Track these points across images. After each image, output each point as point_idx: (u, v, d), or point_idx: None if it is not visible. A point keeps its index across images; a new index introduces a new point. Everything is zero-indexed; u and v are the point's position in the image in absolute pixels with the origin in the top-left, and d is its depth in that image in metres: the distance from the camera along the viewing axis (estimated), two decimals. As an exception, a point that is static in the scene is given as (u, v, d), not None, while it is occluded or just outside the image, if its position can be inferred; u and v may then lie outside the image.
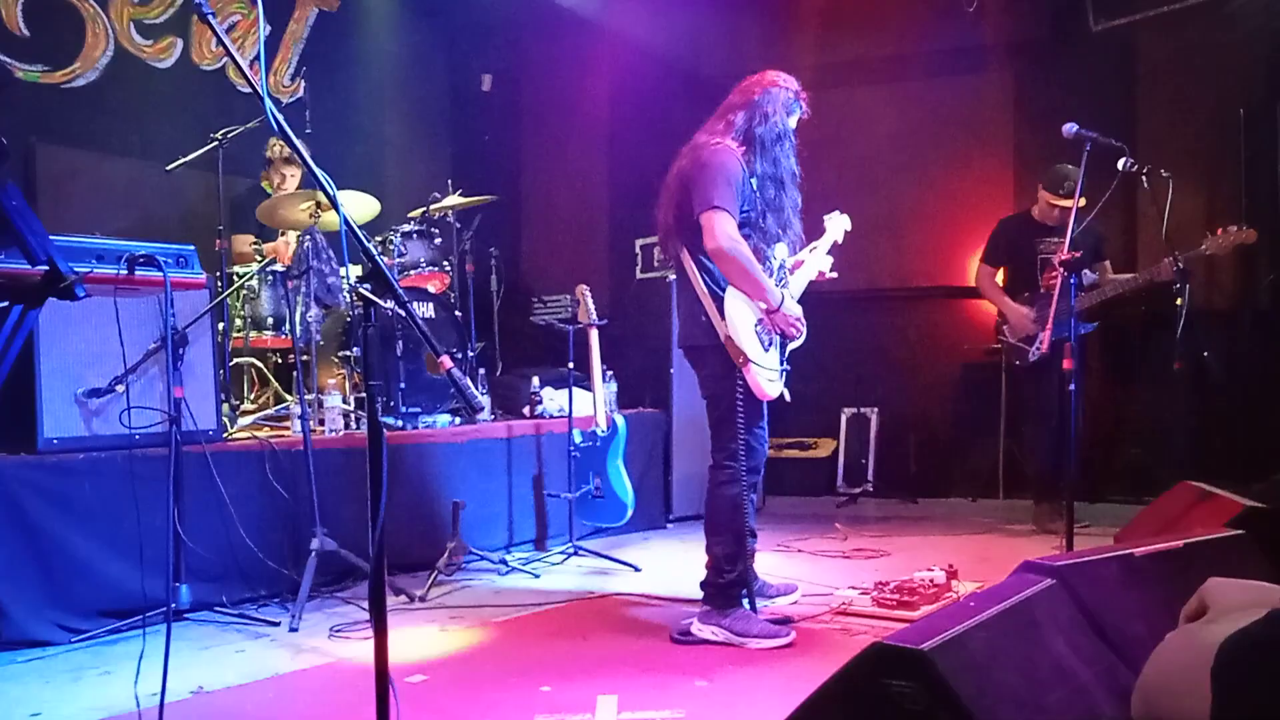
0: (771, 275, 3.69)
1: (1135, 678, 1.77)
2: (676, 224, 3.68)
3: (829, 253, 4.16)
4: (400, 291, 2.05)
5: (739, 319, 3.58)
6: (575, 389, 5.27)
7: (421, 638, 3.73)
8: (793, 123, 3.80)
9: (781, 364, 3.76)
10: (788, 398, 3.84)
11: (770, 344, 3.70)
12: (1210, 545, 2.55)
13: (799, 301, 3.88)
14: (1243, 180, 6.25)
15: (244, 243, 5.64)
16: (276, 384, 5.37)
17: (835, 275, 4.12)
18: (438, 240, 5.79)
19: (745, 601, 3.69)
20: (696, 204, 3.55)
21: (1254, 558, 2.56)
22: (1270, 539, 2.63)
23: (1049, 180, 5.61)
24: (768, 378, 3.65)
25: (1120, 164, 4.33)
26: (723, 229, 3.49)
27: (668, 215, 3.73)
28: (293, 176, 5.72)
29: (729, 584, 3.65)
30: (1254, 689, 1.24)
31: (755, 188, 3.66)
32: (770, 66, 3.89)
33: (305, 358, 4.65)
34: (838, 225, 4.28)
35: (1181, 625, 1.52)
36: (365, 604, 4.06)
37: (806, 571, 4.64)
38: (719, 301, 3.58)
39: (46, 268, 1.57)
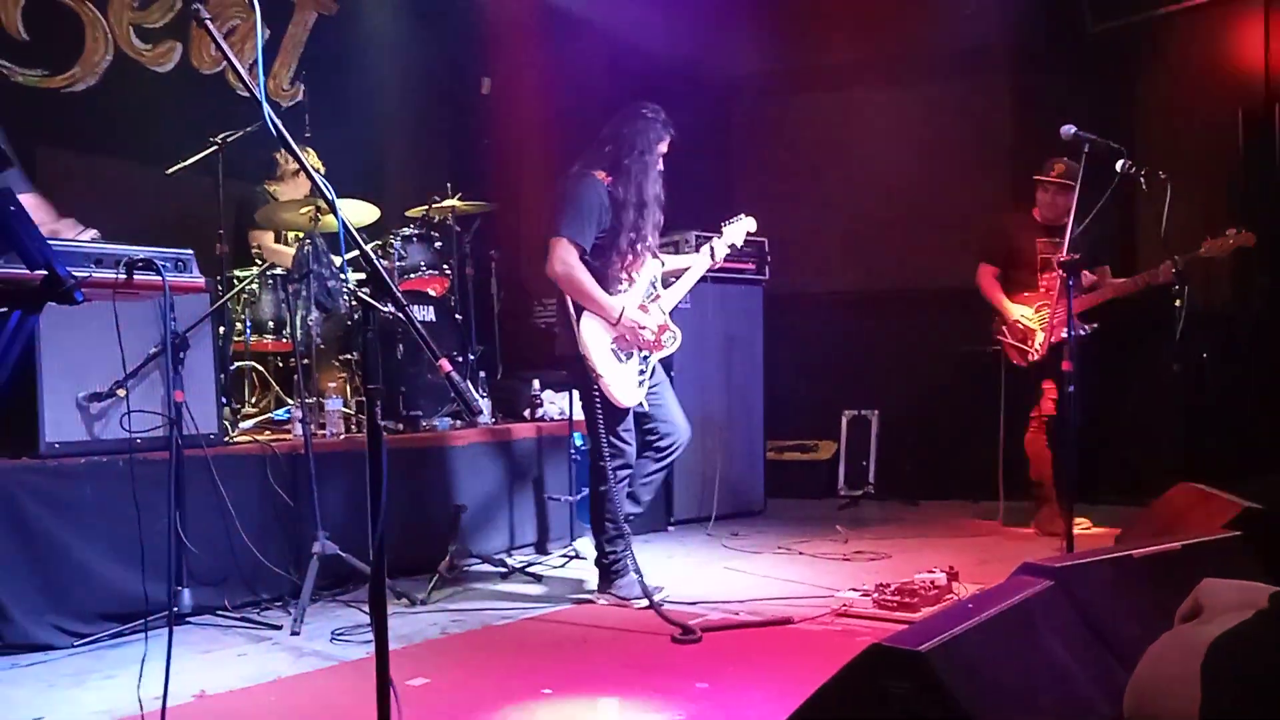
0: (629, 290, 4.17)
1: (1132, 678, 1.78)
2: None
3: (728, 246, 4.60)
4: (399, 295, 2.06)
5: (592, 338, 4.06)
6: (576, 392, 5.27)
7: (423, 641, 3.74)
8: (662, 148, 4.21)
9: (642, 371, 4.20)
10: (646, 406, 4.28)
11: (628, 356, 4.17)
12: (1208, 547, 2.56)
13: (677, 308, 4.49)
14: (1241, 182, 6.25)
15: (259, 240, 5.69)
16: (277, 387, 5.38)
17: (717, 263, 4.59)
18: (438, 244, 5.80)
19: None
20: (548, 230, 4.06)
21: (1250, 559, 2.56)
22: (1267, 540, 2.63)
23: (1042, 167, 5.66)
24: (621, 388, 4.10)
25: (1118, 166, 4.34)
26: (558, 256, 4.00)
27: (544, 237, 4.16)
28: (305, 181, 5.76)
29: (612, 563, 4.19)
30: (1240, 687, 1.25)
31: (618, 210, 4.09)
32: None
33: (306, 361, 4.66)
34: (739, 230, 4.64)
35: (1176, 625, 1.53)
36: (367, 607, 4.06)
37: (807, 573, 4.65)
38: (580, 318, 4.05)
39: (45, 272, 1.58)
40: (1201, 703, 1.27)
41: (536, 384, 5.76)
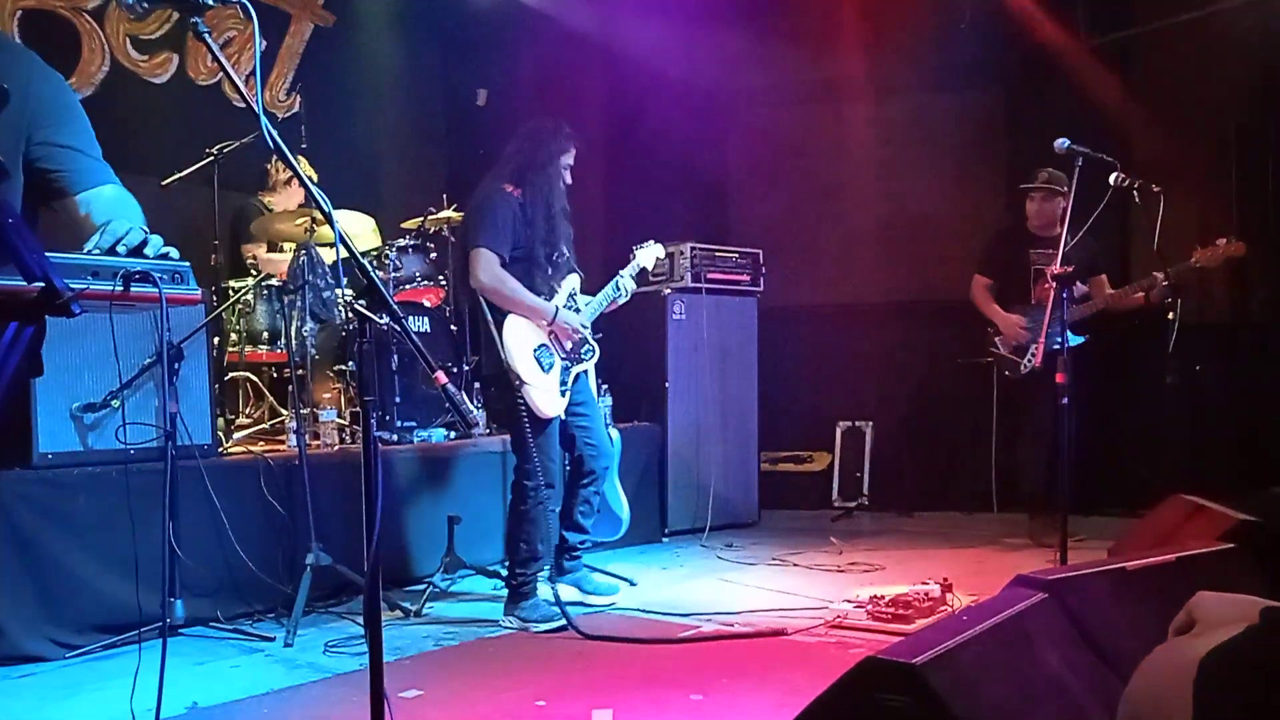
0: (550, 299, 4.17)
1: (1127, 691, 1.78)
2: (467, 262, 4.10)
3: (636, 277, 4.54)
4: (395, 307, 2.06)
5: (515, 345, 4.05)
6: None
7: (416, 653, 3.72)
8: (568, 159, 4.23)
9: (563, 383, 4.20)
10: (567, 420, 4.29)
11: (550, 366, 4.17)
12: (1202, 559, 2.55)
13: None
14: (1234, 194, 6.28)
15: (254, 251, 5.68)
16: (272, 398, 5.37)
17: (625, 299, 4.51)
18: (433, 255, 5.80)
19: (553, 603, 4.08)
20: (467, 244, 4.09)
21: (1245, 571, 2.56)
22: (1262, 552, 2.63)
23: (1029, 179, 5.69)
24: (543, 397, 4.09)
25: (1112, 179, 4.35)
26: (483, 266, 4.01)
27: (461, 256, 4.18)
28: (297, 190, 5.76)
29: (520, 583, 4.12)
30: (1232, 703, 1.26)
31: (529, 223, 4.11)
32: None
33: (300, 372, 4.66)
34: (649, 254, 4.63)
35: (1170, 639, 1.53)
36: (360, 619, 4.06)
37: (801, 585, 4.64)
38: (500, 330, 4.04)
39: (42, 285, 1.58)
40: (1193, 719, 1.28)
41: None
